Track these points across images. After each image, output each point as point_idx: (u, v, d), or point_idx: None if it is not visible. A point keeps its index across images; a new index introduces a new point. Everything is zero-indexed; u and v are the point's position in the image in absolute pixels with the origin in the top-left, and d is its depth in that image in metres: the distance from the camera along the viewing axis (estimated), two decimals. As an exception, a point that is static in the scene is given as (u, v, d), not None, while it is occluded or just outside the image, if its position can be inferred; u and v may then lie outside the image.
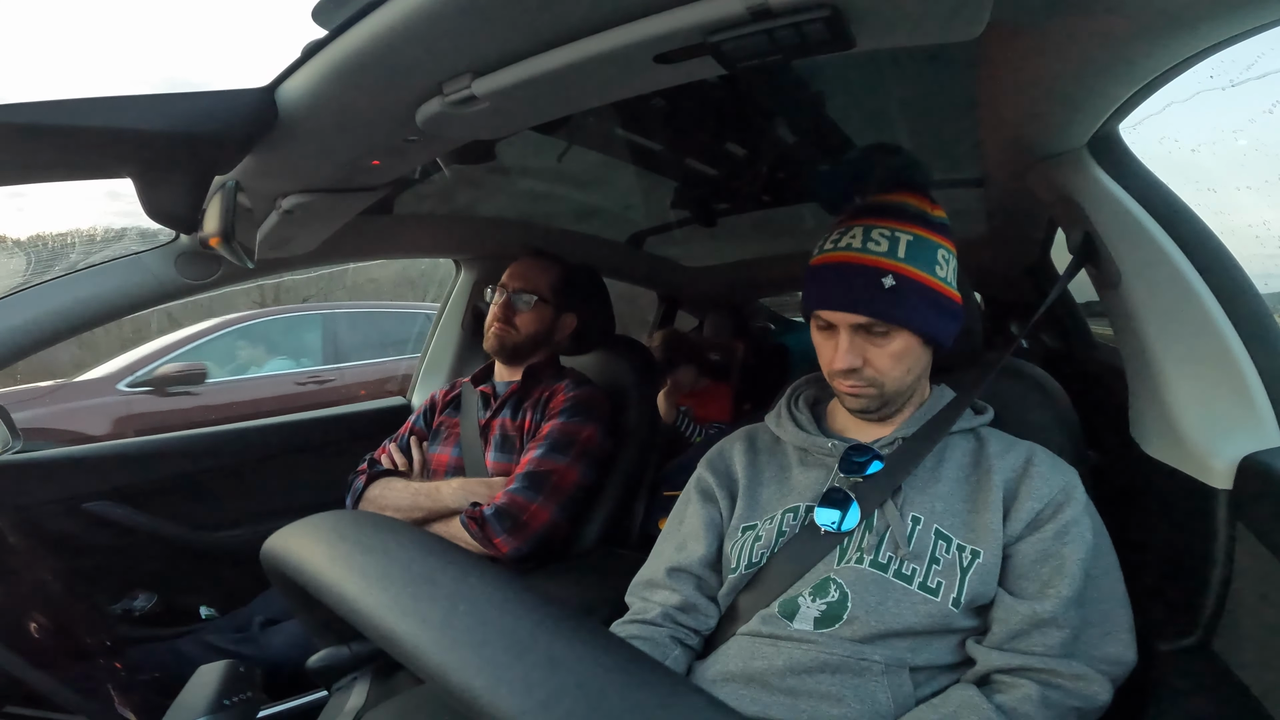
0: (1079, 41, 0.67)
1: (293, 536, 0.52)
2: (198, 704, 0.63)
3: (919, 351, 0.82)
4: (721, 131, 1.33)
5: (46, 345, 1.16)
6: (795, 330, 3.34)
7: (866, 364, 0.80)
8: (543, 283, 1.38)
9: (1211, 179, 1.10)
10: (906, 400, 0.85)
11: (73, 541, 1.36)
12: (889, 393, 0.82)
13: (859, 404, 0.83)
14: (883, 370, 0.80)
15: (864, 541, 0.76)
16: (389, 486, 1.28)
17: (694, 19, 0.55)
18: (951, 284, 0.82)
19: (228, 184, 0.88)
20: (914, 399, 0.86)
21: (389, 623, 0.38)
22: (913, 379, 0.83)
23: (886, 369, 0.80)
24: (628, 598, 0.89)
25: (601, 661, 0.35)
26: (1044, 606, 0.69)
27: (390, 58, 0.66)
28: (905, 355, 0.80)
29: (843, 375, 0.81)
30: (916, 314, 0.78)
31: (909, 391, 0.84)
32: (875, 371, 0.80)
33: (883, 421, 0.86)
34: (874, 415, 0.85)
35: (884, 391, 0.81)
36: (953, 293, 0.82)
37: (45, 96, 2.15)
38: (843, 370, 0.80)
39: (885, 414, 0.85)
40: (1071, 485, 0.77)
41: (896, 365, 0.80)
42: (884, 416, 0.85)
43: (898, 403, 0.84)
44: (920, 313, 0.78)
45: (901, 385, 0.82)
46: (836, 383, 0.83)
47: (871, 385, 0.81)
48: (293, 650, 1.22)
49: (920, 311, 0.78)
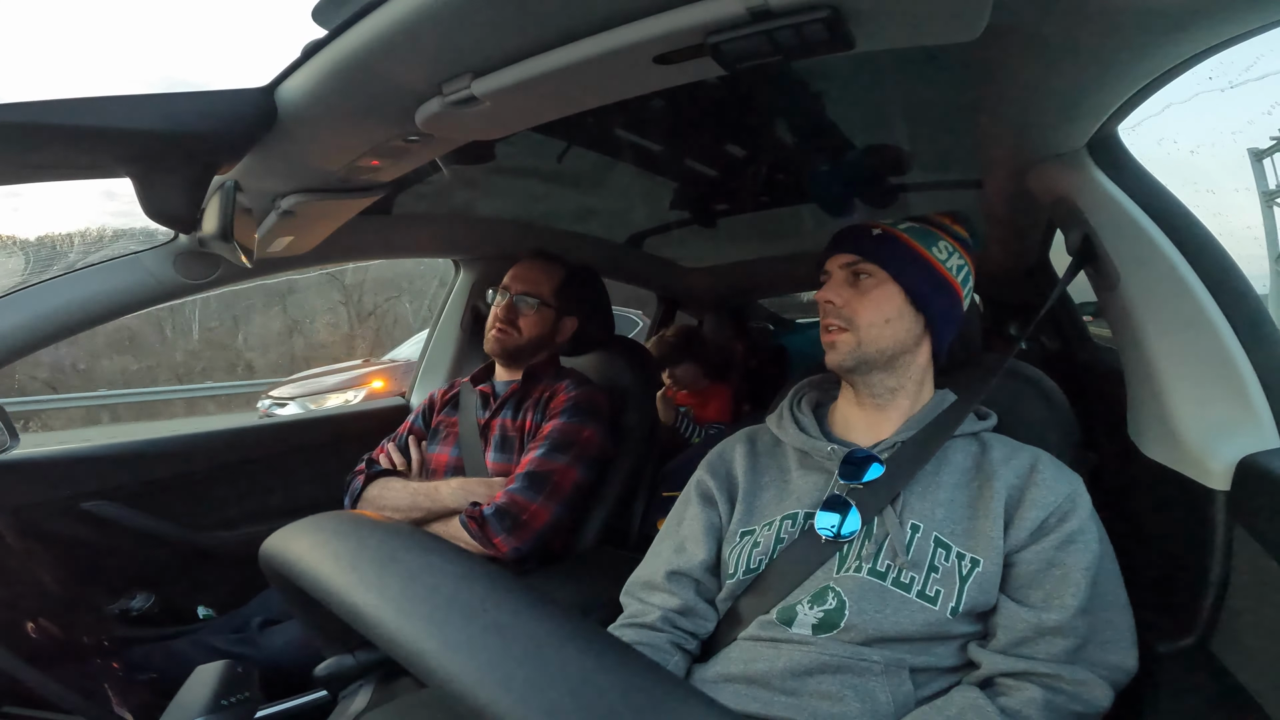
0: (1078, 43, 0.67)
1: (291, 537, 0.52)
2: (195, 704, 0.62)
3: (903, 310, 0.84)
4: (721, 132, 1.33)
5: (45, 345, 1.16)
6: (794, 331, 3.35)
7: (846, 304, 0.84)
8: (546, 286, 1.38)
9: (1210, 180, 1.10)
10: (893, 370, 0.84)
11: (71, 541, 1.35)
12: (865, 342, 0.83)
13: (836, 355, 0.84)
14: (859, 312, 0.83)
15: (863, 549, 0.76)
16: (387, 486, 1.27)
17: (694, 20, 0.55)
18: (951, 271, 0.86)
19: (227, 184, 0.88)
20: (913, 397, 0.86)
21: (388, 624, 0.38)
22: (892, 339, 0.83)
23: (864, 310, 0.83)
24: (623, 598, 0.89)
25: (604, 665, 0.35)
26: (1050, 616, 0.69)
27: (390, 58, 0.66)
28: (884, 304, 0.83)
29: (825, 315, 0.86)
30: (899, 265, 0.84)
31: (892, 354, 0.84)
32: (851, 312, 0.83)
33: (876, 411, 0.86)
34: (859, 378, 0.85)
35: (860, 338, 0.83)
36: (950, 276, 0.86)
37: (45, 96, 2.15)
38: (824, 304, 0.85)
39: (870, 380, 0.84)
40: (1077, 493, 0.76)
41: (875, 310, 0.83)
42: (872, 391, 0.85)
43: (881, 366, 0.84)
44: (904, 267, 0.84)
45: (880, 339, 0.83)
46: (822, 334, 0.86)
47: (847, 327, 0.83)
48: (291, 651, 1.22)
49: (905, 266, 0.84)
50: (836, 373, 0.87)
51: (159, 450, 1.52)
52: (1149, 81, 0.75)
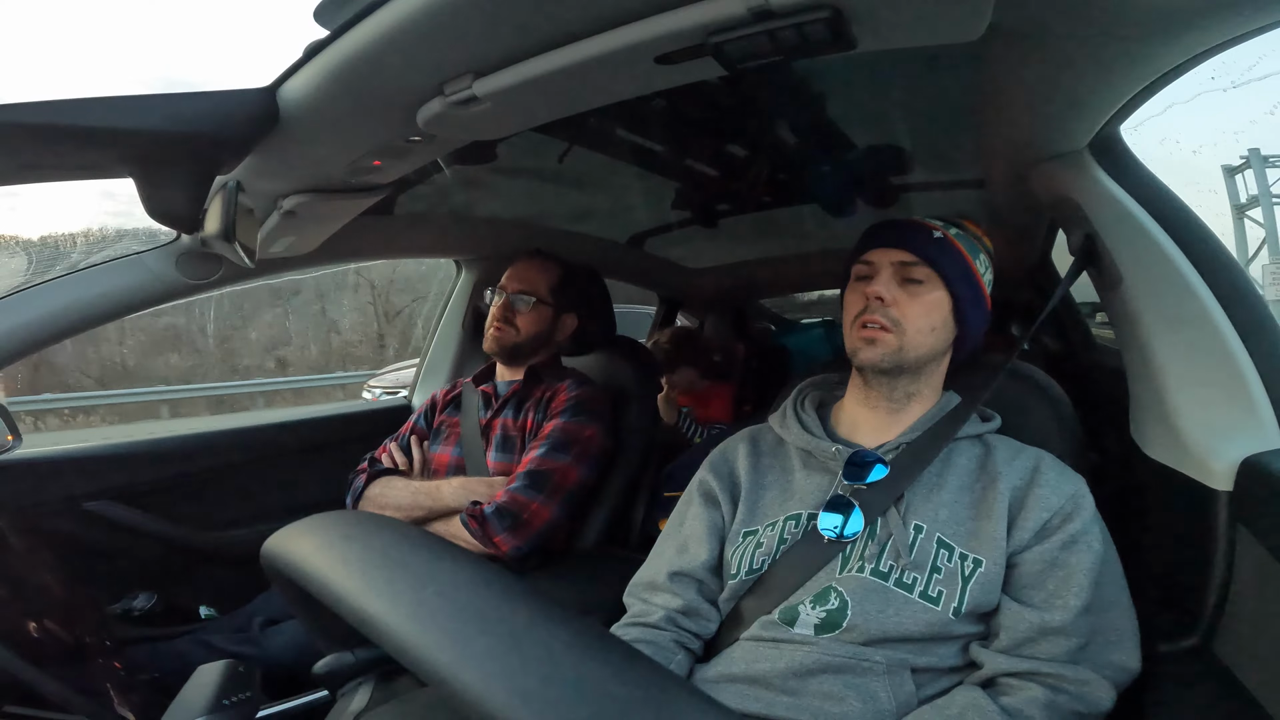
0: (1080, 42, 0.67)
1: (293, 537, 0.51)
2: (197, 704, 0.62)
3: (947, 319, 0.83)
4: (722, 132, 1.33)
5: (47, 345, 1.16)
6: (795, 331, 3.34)
7: (895, 304, 0.81)
8: (542, 284, 1.38)
9: (1213, 180, 1.10)
10: (919, 376, 0.84)
11: (73, 541, 1.35)
12: (907, 347, 0.80)
13: (874, 353, 0.81)
14: (908, 316, 0.80)
15: (866, 550, 0.76)
16: (389, 485, 1.28)
17: (695, 20, 0.55)
18: (987, 286, 0.87)
19: (229, 184, 0.88)
20: (926, 402, 0.86)
21: (389, 624, 0.38)
22: (931, 347, 0.82)
23: (913, 315, 0.80)
24: (626, 598, 0.89)
25: (606, 665, 0.35)
26: (1053, 617, 0.69)
27: (392, 58, 0.66)
28: (934, 311, 0.81)
29: (868, 311, 0.81)
30: (957, 274, 0.82)
31: (925, 362, 0.83)
32: (900, 314, 0.80)
33: (886, 414, 0.85)
34: (885, 380, 0.83)
35: (903, 343, 0.80)
36: (986, 291, 0.86)
37: (45, 96, 2.15)
38: (871, 300, 0.81)
39: (895, 383, 0.83)
40: (1080, 495, 0.76)
41: (924, 317, 0.81)
42: (892, 394, 0.84)
43: (911, 370, 0.83)
44: (960, 276, 0.82)
45: (921, 346, 0.81)
46: (858, 331, 0.82)
47: (894, 329, 0.80)
48: (292, 650, 1.22)
49: (960, 275, 0.82)
50: (865, 371, 0.84)
51: (161, 450, 1.52)
52: (1151, 81, 0.75)
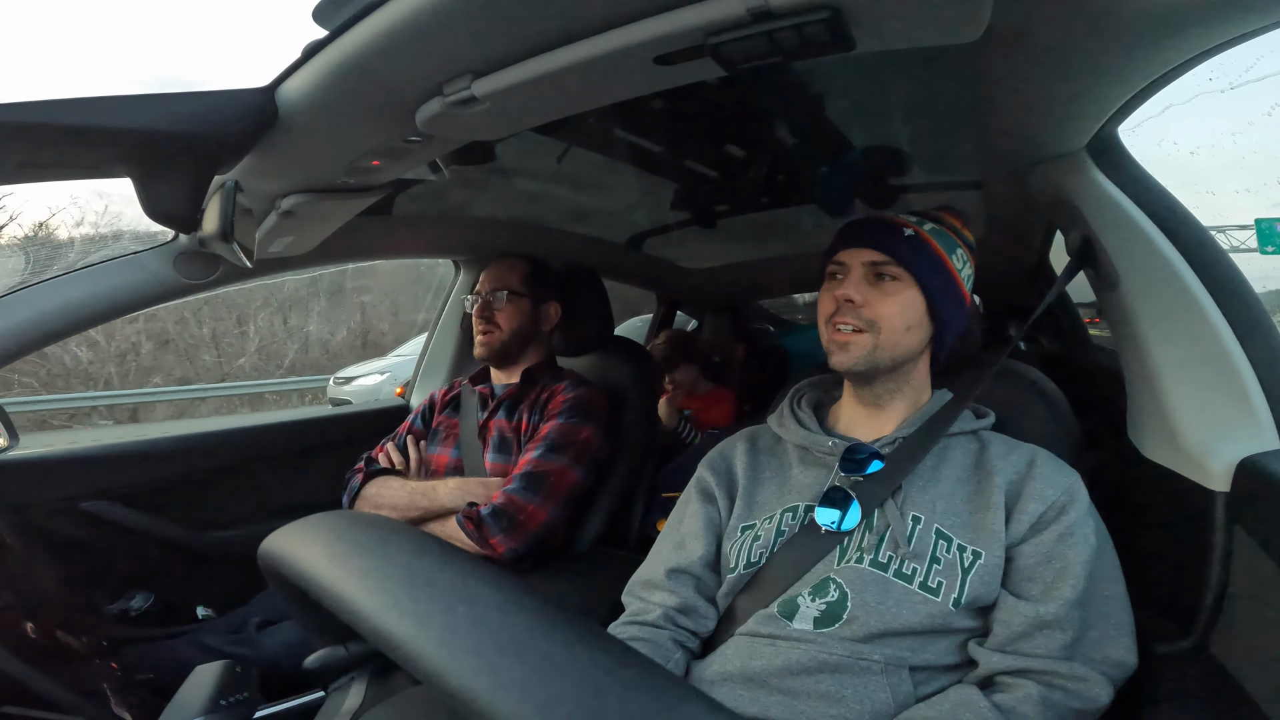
0: (1078, 44, 0.67)
1: (290, 537, 0.51)
2: (194, 704, 0.62)
3: (922, 318, 0.82)
4: (721, 133, 1.33)
5: (45, 345, 1.16)
6: (794, 332, 3.34)
7: (867, 304, 0.80)
8: (513, 278, 1.40)
9: (1210, 182, 1.10)
10: (897, 374, 0.84)
11: (70, 541, 1.35)
12: (881, 347, 0.80)
13: (848, 357, 0.81)
14: (881, 315, 0.80)
15: (864, 541, 0.76)
16: (386, 485, 1.27)
17: (694, 20, 0.55)
18: (965, 280, 0.86)
19: (227, 184, 0.88)
20: (913, 398, 0.86)
21: (387, 624, 0.38)
22: (908, 346, 0.82)
23: (886, 315, 0.80)
24: (625, 597, 0.89)
25: (601, 664, 0.35)
26: (1047, 609, 0.69)
27: (391, 58, 0.66)
28: (908, 310, 0.81)
29: (840, 314, 0.81)
30: (928, 272, 0.81)
31: (901, 361, 0.83)
32: (874, 314, 0.80)
33: (877, 411, 0.86)
34: (862, 380, 0.84)
35: (877, 343, 0.80)
36: (963, 285, 0.85)
37: (44, 96, 2.14)
38: (842, 303, 0.80)
39: (874, 383, 0.84)
40: (1074, 488, 0.77)
41: (899, 316, 0.80)
42: (874, 393, 0.85)
43: (887, 371, 0.83)
44: (932, 274, 0.81)
45: (896, 346, 0.81)
46: (830, 332, 0.82)
47: (867, 330, 0.80)
48: (289, 651, 1.22)
49: (932, 273, 0.81)
50: (844, 375, 0.85)
51: (159, 450, 1.52)
52: (1149, 83, 0.75)
